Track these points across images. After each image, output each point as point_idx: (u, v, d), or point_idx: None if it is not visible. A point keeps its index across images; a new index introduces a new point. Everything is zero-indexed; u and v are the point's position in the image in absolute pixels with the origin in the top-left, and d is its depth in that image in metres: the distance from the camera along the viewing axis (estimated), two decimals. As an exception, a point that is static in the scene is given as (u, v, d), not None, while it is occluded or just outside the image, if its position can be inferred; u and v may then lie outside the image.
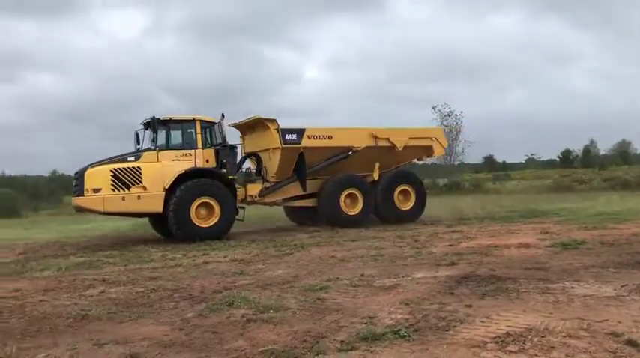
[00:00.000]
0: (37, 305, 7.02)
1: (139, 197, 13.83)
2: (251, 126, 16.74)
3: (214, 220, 14.35)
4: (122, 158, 14.20)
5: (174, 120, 14.83)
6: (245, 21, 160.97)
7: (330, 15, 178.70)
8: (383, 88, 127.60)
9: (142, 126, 14.92)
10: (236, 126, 17.27)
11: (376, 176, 17.05)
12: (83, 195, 13.69)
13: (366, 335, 4.88)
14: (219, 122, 15.26)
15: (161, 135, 14.73)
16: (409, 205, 17.31)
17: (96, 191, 13.63)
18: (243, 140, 17.46)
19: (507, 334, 4.79)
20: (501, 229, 13.97)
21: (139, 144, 14.83)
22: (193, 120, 14.81)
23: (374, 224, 16.56)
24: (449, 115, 45.29)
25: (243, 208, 15.71)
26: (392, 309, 5.89)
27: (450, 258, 9.31)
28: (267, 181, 16.33)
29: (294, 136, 15.79)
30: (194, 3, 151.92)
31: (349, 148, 16.59)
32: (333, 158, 16.52)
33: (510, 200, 26.91)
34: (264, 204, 16.70)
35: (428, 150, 18.21)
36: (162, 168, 14.13)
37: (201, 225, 14.17)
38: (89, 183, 13.67)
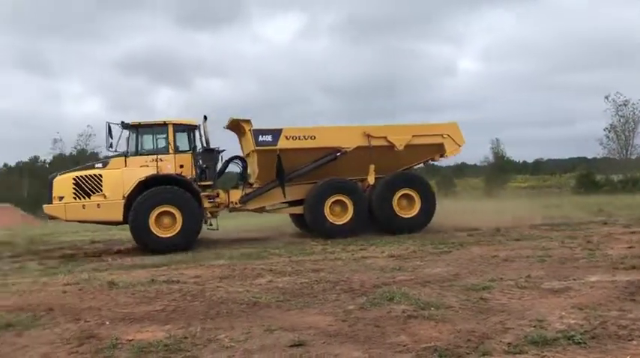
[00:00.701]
0: (215, 290, 7.71)
1: (98, 205, 13.61)
2: (242, 128, 15.41)
3: (176, 230, 13.58)
4: (90, 165, 14.30)
5: (143, 124, 14.25)
6: (395, 18, 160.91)
7: (482, 7, 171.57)
8: (542, 79, 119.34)
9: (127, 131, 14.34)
10: (229, 128, 16.09)
11: (371, 180, 15.22)
12: (52, 203, 13.78)
13: (536, 339, 4.63)
14: (200, 125, 14.72)
15: (131, 141, 14.23)
16: (413, 212, 15.08)
17: (60, 199, 13.66)
18: (241, 142, 16.38)
19: None
20: (693, 231, 12.35)
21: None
22: (165, 124, 14.24)
23: (540, 223, 15.48)
24: (624, 105, 41.26)
25: (216, 217, 15.02)
26: (563, 313, 5.51)
27: (630, 261, 8.42)
28: (249, 186, 15.39)
29: (268, 137, 14.59)
30: (344, 4, 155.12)
31: (336, 149, 14.97)
32: (319, 160, 15.00)
33: (703, 198, 23.68)
34: (248, 210, 15.61)
35: (439, 149, 15.89)
36: (122, 176, 13.75)
37: (161, 236, 13.48)
38: (56, 190, 13.75)
